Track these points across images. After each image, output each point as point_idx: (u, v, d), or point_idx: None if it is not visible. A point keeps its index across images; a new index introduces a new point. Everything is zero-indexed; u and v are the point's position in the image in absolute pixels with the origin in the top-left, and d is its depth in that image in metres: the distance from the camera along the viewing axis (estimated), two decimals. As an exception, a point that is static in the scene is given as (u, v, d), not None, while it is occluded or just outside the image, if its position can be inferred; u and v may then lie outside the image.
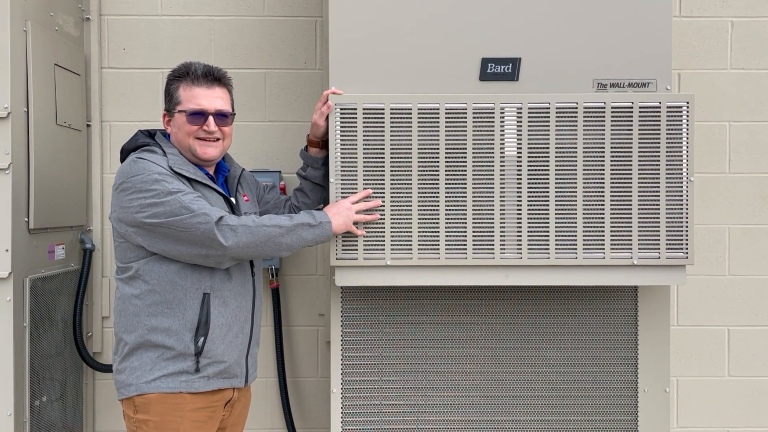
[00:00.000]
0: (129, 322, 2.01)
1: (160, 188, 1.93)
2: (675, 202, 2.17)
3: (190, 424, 1.99)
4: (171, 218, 1.92)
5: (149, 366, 1.98)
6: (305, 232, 2.04)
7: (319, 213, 2.10)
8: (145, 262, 1.99)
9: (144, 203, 1.93)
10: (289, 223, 2.02)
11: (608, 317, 2.32)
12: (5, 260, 2.32)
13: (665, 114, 2.16)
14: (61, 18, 2.71)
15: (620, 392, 2.33)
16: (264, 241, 1.98)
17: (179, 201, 1.92)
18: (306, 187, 2.36)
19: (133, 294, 2.00)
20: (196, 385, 2.00)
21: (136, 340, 1.99)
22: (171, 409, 1.98)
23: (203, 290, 2.00)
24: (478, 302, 2.32)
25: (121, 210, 1.98)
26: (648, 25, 2.22)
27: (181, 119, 2.05)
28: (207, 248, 1.94)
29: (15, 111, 2.35)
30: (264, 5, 2.97)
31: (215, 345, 2.01)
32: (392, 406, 2.33)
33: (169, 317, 1.98)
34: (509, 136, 2.17)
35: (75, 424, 2.80)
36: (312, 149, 2.32)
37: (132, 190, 1.95)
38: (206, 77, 2.06)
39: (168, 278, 1.99)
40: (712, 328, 2.99)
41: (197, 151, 2.05)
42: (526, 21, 2.23)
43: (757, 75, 2.95)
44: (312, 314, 3.00)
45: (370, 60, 2.23)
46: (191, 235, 1.93)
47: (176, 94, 2.06)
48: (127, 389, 2.00)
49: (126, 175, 1.97)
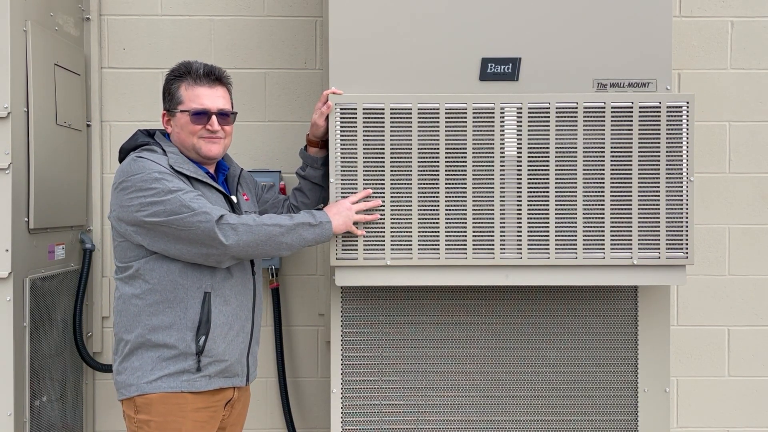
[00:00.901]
0: (129, 322, 2.01)
1: (160, 187, 1.93)
2: (675, 202, 2.17)
3: (191, 424, 1.99)
4: (171, 217, 1.92)
5: (150, 366, 1.98)
6: (305, 232, 2.04)
7: (319, 213, 2.10)
8: (145, 261, 1.99)
9: (144, 202, 1.93)
10: (289, 222, 2.02)
11: (608, 317, 2.32)
12: (5, 260, 2.32)
13: (665, 114, 2.16)
14: (61, 18, 2.71)
15: (620, 392, 2.33)
16: (264, 240, 1.98)
17: (180, 199, 1.92)
18: (305, 186, 2.36)
19: (134, 294, 2.00)
20: (197, 385, 1.99)
21: (137, 339, 1.99)
22: (173, 410, 1.97)
23: (204, 289, 2.00)
24: (478, 302, 2.32)
25: (121, 209, 1.98)
26: (648, 25, 2.22)
27: (184, 119, 2.05)
28: (207, 247, 1.94)
29: (15, 111, 2.35)
30: (264, 5, 2.97)
31: (216, 344, 2.01)
32: (392, 406, 2.33)
33: (170, 316, 1.98)
34: (509, 136, 2.17)
35: (75, 424, 2.80)
36: (311, 149, 2.32)
37: (132, 188, 1.95)
38: (208, 77, 2.07)
39: (169, 277, 1.98)
40: (712, 328, 2.99)
41: (202, 149, 2.05)
42: (526, 21, 2.23)
43: (757, 75, 2.95)
44: (312, 314, 3.00)
45: (370, 60, 2.23)
46: (192, 234, 1.92)
47: (177, 93, 2.06)
48: (128, 389, 1.99)
49: (126, 174, 1.97)
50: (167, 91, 2.09)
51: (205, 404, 2.02)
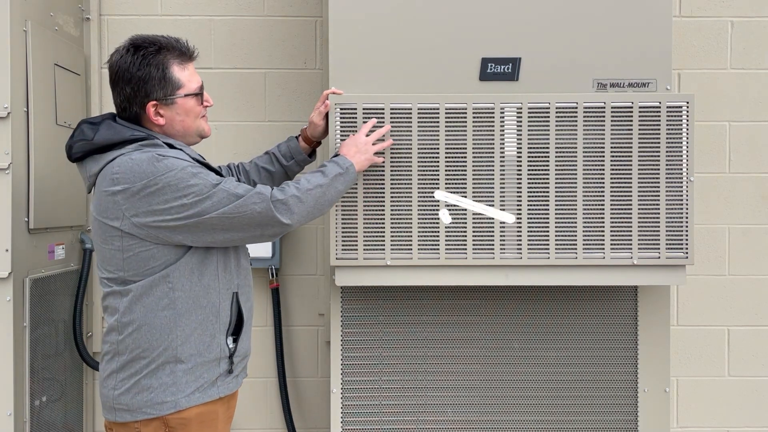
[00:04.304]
0: (155, 337, 1.81)
1: (201, 182, 1.78)
2: (675, 202, 2.17)
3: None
4: (223, 208, 1.78)
5: (184, 378, 1.83)
6: (339, 183, 1.98)
7: (341, 159, 2.03)
8: (174, 268, 1.82)
9: (187, 202, 1.76)
10: (324, 179, 1.94)
11: (608, 317, 2.32)
12: (5, 260, 2.32)
13: (665, 114, 2.16)
14: (61, 18, 2.71)
15: (620, 392, 2.33)
16: (313, 206, 1.91)
17: (225, 189, 1.80)
18: (278, 173, 2.28)
19: (159, 306, 1.81)
20: (230, 386, 1.92)
21: (167, 353, 1.82)
22: (208, 423, 1.87)
23: (233, 290, 1.92)
24: (478, 302, 2.32)
25: (151, 214, 1.77)
26: (648, 25, 2.22)
27: (189, 103, 1.89)
28: (263, 227, 1.84)
29: (15, 111, 2.35)
30: (264, 5, 2.97)
31: (243, 343, 1.94)
32: (392, 406, 2.33)
33: (204, 323, 1.85)
34: (509, 136, 2.17)
35: (75, 424, 2.80)
36: (303, 144, 2.28)
37: (166, 189, 1.76)
38: (188, 48, 1.92)
39: (203, 283, 1.85)
40: (712, 328, 2.99)
41: (205, 129, 1.95)
42: (526, 21, 2.23)
43: (757, 75, 2.95)
44: (312, 314, 3.00)
45: (370, 60, 2.23)
46: (247, 219, 1.81)
47: (175, 77, 1.85)
48: (160, 407, 1.81)
49: (149, 175, 1.75)
50: (153, 78, 1.83)
51: (228, 412, 1.96)
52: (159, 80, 1.84)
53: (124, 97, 1.86)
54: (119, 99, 1.87)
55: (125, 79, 1.84)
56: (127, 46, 1.86)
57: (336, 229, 2.18)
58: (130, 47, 1.85)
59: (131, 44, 1.86)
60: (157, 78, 1.84)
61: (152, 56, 1.84)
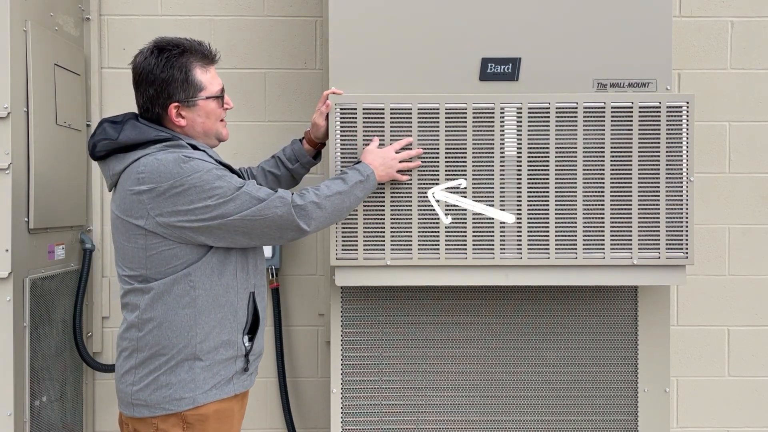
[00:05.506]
0: (175, 334, 1.84)
1: (225, 185, 1.81)
2: (675, 202, 2.17)
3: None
4: (245, 211, 1.81)
5: (202, 375, 1.85)
6: (358, 191, 2.01)
7: (362, 166, 2.05)
8: (196, 267, 1.84)
9: (210, 204, 1.79)
10: (344, 186, 1.97)
11: (608, 317, 2.32)
12: (5, 260, 2.32)
13: (665, 114, 2.16)
14: (61, 18, 2.71)
15: (620, 392, 2.33)
16: (331, 212, 1.94)
17: (248, 192, 1.83)
18: (283, 176, 2.32)
19: (179, 304, 1.84)
20: (246, 384, 1.95)
21: (186, 350, 1.84)
22: (224, 425, 1.90)
23: (250, 289, 1.94)
24: (478, 302, 2.32)
25: (175, 214, 1.79)
26: (648, 25, 2.22)
27: (210, 105, 1.91)
28: (283, 230, 1.87)
29: (15, 111, 2.35)
30: (264, 5, 2.97)
31: (258, 341, 1.98)
32: (392, 406, 2.33)
33: (222, 322, 1.87)
34: (509, 136, 2.17)
35: (75, 424, 2.80)
36: (307, 146, 2.31)
37: (192, 190, 1.79)
38: (210, 51, 1.94)
39: (223, 282, 1.87)
40: (712, 328, 2.99)
41: (223, 133, 1.98)
42: (526, 21, 2.23)
43: (757, 75, 2.95)
44: (312, 314, 3.00)
45: (370, 60, 2.23)
46: (269, 222, 1.84)
47: (198, 79, 1.88)
48: (179, 403, 1.83)
49: (176, 176, 1.78)
50: (176, 80, 1.86)
51: (242, 410, 1.99)
52: (182, 82, 1.86)
53: (146, 97, 1.89)
54: (142, 100, 1.90)
55: (148, 81, 1.87)
56: (151, 48, 1.89)
57: (336, 229, 2.18)
58: (153, 49, 1.88)
59: (155, 46, 1.89)
60: (180, 80, 1.86)
61: (175, 59, 1.86)
